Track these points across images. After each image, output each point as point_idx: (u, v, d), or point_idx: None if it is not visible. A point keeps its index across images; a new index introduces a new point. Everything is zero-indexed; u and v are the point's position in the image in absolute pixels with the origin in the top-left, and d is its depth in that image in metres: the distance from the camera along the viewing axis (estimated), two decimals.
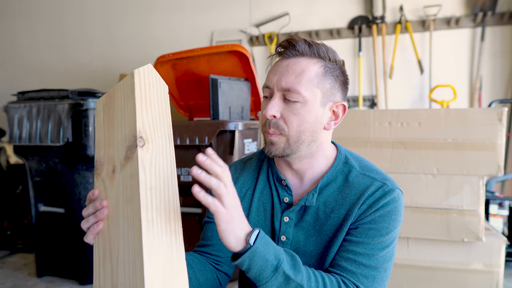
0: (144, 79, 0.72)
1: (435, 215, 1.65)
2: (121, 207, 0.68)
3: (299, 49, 0.82)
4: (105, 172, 0.74)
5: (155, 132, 0.71)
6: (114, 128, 0.74)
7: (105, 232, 0.71)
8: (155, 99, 0.73)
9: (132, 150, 0.68)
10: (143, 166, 0.66)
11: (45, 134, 2.31)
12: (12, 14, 4.59)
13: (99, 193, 0.74)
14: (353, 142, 1.73)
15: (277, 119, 0.82)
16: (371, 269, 0.80)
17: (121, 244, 0.67)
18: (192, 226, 2.32)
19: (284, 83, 0.80)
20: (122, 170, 0.69)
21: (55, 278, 2.51)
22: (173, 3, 3.96)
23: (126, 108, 0.71)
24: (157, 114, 0.72)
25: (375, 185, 0.84)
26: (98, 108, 0.80)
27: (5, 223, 3.22)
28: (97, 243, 0.73)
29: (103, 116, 0.78)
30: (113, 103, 0.75)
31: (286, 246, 0.89)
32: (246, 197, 0.96)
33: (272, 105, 0.81)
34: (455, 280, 1.66)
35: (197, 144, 2.19)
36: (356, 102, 3.47)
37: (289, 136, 0.82)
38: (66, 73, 4.39)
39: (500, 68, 3.18)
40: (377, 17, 3.34)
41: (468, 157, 1.61)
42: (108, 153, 0.74)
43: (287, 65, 0.82)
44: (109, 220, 0.71)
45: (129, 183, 0.67)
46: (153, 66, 0.76)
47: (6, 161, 3.37)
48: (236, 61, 2.46)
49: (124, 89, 0.73)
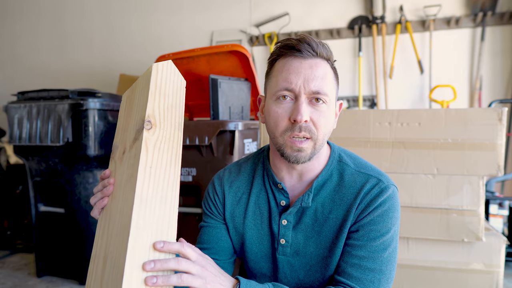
0: (162, 72, 0.76)
1: (435, 215, 1.65)
2: (122, 184, 0.72)
3: (316, 50, 0.81)
4: (118, 154, 0.79)
5: (165, 120, 0.74)
6: (131, 116, 0.79)
7: (108, 207, 0.76)
8: (170, 91, 0.77)
9: (139, 132, 0.72)
10: (146, 146, 0.70)
11: (45, 134, 2.31)
12: (12, 14, 4.59)
13: (110, 173, 0.80)
14: (353, 142, 1.73)
15: (307, 123, 0.80)
16: (377, 272, 0.80)
17: (117, 218, 0.70)
18: (192, 226, 2.32)
19: (313, 86, 0.79)
20: (130, 151, 0.74)
21: (55, 278, 2.51)
22: (173, 3, 3.96)
23: (142, 97, 0.76)
24: (169, 104, 0.76)
25: (371, 182, 0.84)
26: (122, 100, 0.88)
27: (5, 223, 3.22)
28: (100, 217, 0.78)
29: (125, 107, 0.84)
30: (134, 95, 0.81)
31: (286, 249, 0.89)
32: (241, 201, 0.95)
33: (304, 109, 0.78)
34: (455, 280, 1.66)
35: (197, 144, 2.19)
36: (356, 102, 3.47)
37: (317, 139, 0.81)
38: (66, 73, 4.39)
39: (500, 68, 3.18)
40: (377, 17, 3.34)
41: (468, 157, 1.61)
42: (122, 138, 0.80)
43: (310, 67, 0.80)
44: (113, 196, 0.75)
45: (132, 162, 0.71)
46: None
47: (6, 161, 3.36)
48: (236, 61, 2.46)
49: (143, 81, 0.79)
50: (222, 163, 2.19)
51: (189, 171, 2.26)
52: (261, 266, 0.94)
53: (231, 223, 0.96)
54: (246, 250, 0.94)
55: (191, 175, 2.26)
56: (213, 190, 0.99)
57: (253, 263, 0.95)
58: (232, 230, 0.96)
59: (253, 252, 0.94)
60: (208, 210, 0.98)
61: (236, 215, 0.95)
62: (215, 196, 0.98)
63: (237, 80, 2.43)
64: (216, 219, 0.97)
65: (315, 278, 0.88)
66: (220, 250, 0.95)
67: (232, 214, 0.96)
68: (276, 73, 0.84)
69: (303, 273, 0.89)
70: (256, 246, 0.93)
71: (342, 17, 3.51)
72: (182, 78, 0.80)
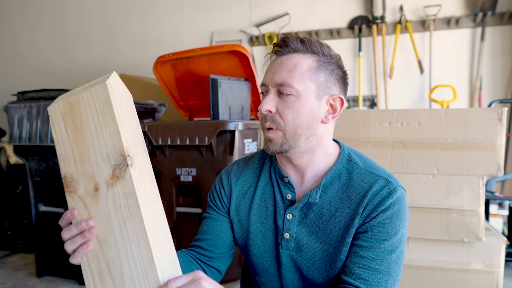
0: (115, 90, 0.69)
1: (435, 215, 1.65)
2: (116, 226, 0.69)
3: (292, 46, 0.84)
4: (83, 190, 0.71)
5: (136, 147, 0.71)
6: (85, 142, 0.70)
7: (98, 251, 0.71)
8: (127, 111, 0.71)
9: (121, 168, 0.67)
10: (137, 185, 0.68)
11: (45, 134, 2.31)
12: (12, 14, 4.59)
13: (78, 212, 0.72)
14: (353, 142, 1.73)
15: (273, 113, 0.83)
16: (384, 274, 0.80)
17: (124, 262, 0.68)
18: (192, 226, 2.32)
19: (277, 78, 0.82)
20: (110, 189, 0.69)
21: (55, 278, 2.51)
22: (173, 3, 3.96)
23: (102, 123, 0.68)
24: (132, 128, 0.71)
25: (380, 183, 0.84)
26: (54, 117, 0.72)
27: (5, 223, 3.22)
28: (87, 262, 0.72)
29: (65, 128, 0.72)
30: (79, 114, 0.70)
31: (290, 244, 0.89)
32: (247, 195, 0.96)
33: (267, 100, 0.83)
34: (455, 280, 1.66)
35: (197, 144, 2.19)
36: (356, 102, 3.47)
37: (286, 130, 0.83)
38: (66, 73, 4.39)
39: (500, 68, 3.18)
40: (377, 17, 3.34)
41: (468, 157, 1.61)
42: (82, 170, 0.71)
43: (281, 62, 0.84)
44: (100, 239, 0.70)
45: (124, 203, 0.68)
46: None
47: (6, 161, 3.36)
48: (236, 61, 2.46)
49: (94, 101, 0.68)
50: (222, 163, 2.19)
51: (189, 171, 2.26)
52: (264, 261, 0.94)
53: (236, 216, 0.97)
54: (250, 243, 0.95)
55: (191, 175, 2.26)
56: (220, 183, 1.00)
57: (256, 257, 0.95)
58: (237, 224, 0.97)
59: (257, 246, 0.94)
60: (212, 202, 1.00)
61: (241, 207, 0.96)
62: (221, 188, 0.99)
63: (237, 80, 2.43)
64: (219, 212, 0.99)
65: (318, 274, 0.88)
66: (218, 243, 0.97)
67: (237, 207, 0.97)
68: None
69: (306, 269, 0.89)
70: (260, 239, 0.93)
71: (342, 17, 3.51)
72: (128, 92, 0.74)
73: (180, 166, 2.27)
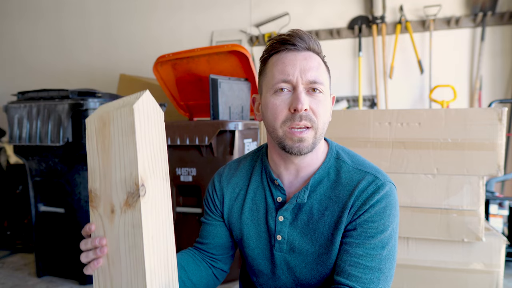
0: (143, 112, 0.68)
1: (435, 215, 1.65)
2: (122, 250, 0.70)
3: (308, 43, 0.84)
4: (103, 208, 0.73)
5: (154, 174, 0.70)
6: (110, 162, 0.71)
7: (106, 269, 0.73)
8: (154, 134, 0.71)
9: (133, 197, 0.68)
10: (146, 217, 0.68)
11: (45, 134, 2.31)
12: (12, 14, 4.59)
13: (95, 228, 0.75)
14: (353, 142, 1.73)
15: (307, 112, 0.81)
16: (376, 271, 0.79)
17: (124, 285, 0.70)
18: (192, 226, 2.32)
19: (310, 76, 0.81)
20: (123, 215, 0.70)
21: (55, 278, 2.51)
22: (173, 3, 3.96)
23: (126, 146, 0.68)
24: (156, 150, 0.71)
25: (367, 180, 0.84)
26: (89, 131, 0.74)
27: (5, 223, 3.22)
28: (97, 276, 0.75)
29: (96, 143, 0.73)
30: (108, 132, 0.71)
31: (283, 246, 0.89)
32: (238, 198, 0.96)
33: (303, 97, 0.79)
34: (455, 280, 1.66)
35: (197, 144, 2.19)
36: (356, 102, 3.47)
37: (318, 128, 0.82)
38: (66, 73, 4.39)
39: (500, 68, 3.18)
40: (377, 17, 3.34)
41: (468, 157, 1.61)
42: (105, 188, 0.72)
43: (304, 59, 0.82)
44: (110, 259, 0.72)
45: (131, 231, 0.69)
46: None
47: (6, 161, 3.36)
48: (236, 61, 2.46)
49: (122, 123, 0.69)
50: (222, 163, 2.19)
51: (189, 171, 2.27)
52: (259, 263, 0.94)
53: (230, 219, 0.97)
54: (245, 245, 0.95)
55: (191, 175, 2.26)
56: (213, 187, 1.00)
57: (251, 259, 0.95)
58: (231, 226, 0.98)
59: (251, 248, 0.94)
60: (207, 207, 1.01)
61: (234, 210, 0.96)
62: (213, 193, 0.99)
63: (237, 80, 2.43)
64: (214, 217, 0.99)
65: (311, 275, 0.88)
66: (217, 246, 0.99)
67: (230, 210, 0.97)
68: (271, 68, 0.85)
69: (299, 270, 0.89)
70: (253, 242, 0.93)
71: (342, 17, 3.51)
72: (161, 110, 0.73)
73: (180, 166, 2.27)
